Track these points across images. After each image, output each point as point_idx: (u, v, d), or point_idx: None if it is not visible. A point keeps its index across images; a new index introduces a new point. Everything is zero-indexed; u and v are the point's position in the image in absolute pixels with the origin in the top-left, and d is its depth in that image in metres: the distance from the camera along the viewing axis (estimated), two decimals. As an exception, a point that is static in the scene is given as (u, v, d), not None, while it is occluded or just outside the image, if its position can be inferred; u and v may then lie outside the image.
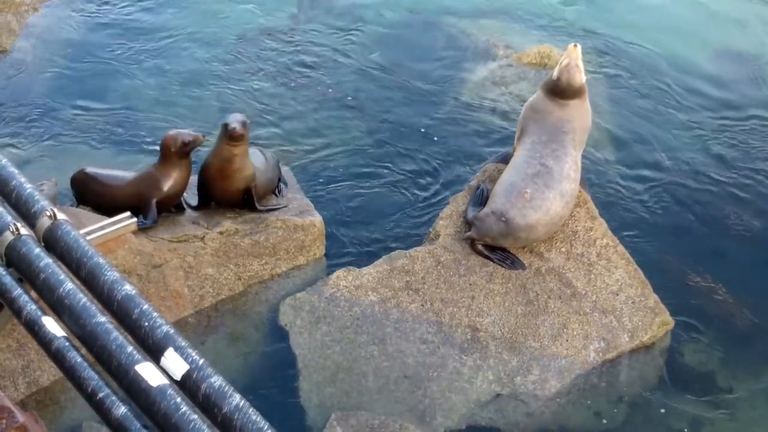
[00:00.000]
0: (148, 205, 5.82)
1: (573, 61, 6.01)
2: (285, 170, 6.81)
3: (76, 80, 8.20)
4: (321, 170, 7.31)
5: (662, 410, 5.55)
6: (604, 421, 5.47)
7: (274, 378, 5.43)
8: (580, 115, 6.09)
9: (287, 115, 7.97)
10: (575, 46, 6.07)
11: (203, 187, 6.15)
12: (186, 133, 5.87)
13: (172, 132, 5.91)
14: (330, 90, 8.34)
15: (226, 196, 6.12)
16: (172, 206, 6.06)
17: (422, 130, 7.90)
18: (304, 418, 5.21)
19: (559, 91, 6.04)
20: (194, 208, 6.23)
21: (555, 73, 6.05)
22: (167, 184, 5.86)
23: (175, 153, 5.81)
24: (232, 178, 6.01)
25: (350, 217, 6.84)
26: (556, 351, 5.60)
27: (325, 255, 6.25)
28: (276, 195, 6.44)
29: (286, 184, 6.61)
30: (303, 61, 8.72)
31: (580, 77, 6.02)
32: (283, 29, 9.20)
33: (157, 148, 6.00)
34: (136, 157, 7.18)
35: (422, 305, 5.70)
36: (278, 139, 7.62)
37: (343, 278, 5.82)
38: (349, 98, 8.25)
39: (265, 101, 8.11)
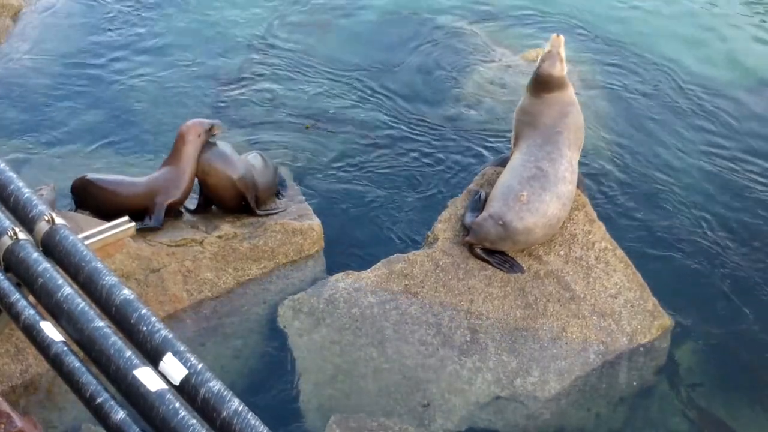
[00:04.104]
0: (160, 208, 5.83)
1: (554, 49, 6.01)
2: (284, 174, 6.82)
3: (73, 84, 8.20)
4: (319, 174, 7.31)
5: (661, 412, 5.56)
6: (604, 423, 5.47)
7: (273, 381, 5.43)
8: (566, 109, 6.05)
9: (284, 119, 7.96)
10: (558, 35, 6.08)
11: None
12: (206, 121, 5.84)
13: (189, 122, 5.86)
14: (327, 94, 8.33)
15: (217, 196, 6.13)
16: (173, 211, 6.06)
17: (420, 132, 7.90)
18: (303, 420, 5.21)
19: (541, 81, 6.04)
20: (192, 212, 6.24)
21: (537, 62, 6.09)
22: (185, 185, 5.91)
23: (194, 142, 5.81)
24: (204, 180, 6.05)
25: (348, 220, 6.84)
26: (555, 353, 5.60)
27: (324, 259, 6.24)
28: (278, 198, 6.46)
29: (285, 188, 6.61)
30: (299, 64, 8.72)
31: (561, 67, 6.01)
32: (279, 33, 9.20)
33: (155, 151, 5.98)
34: (133, 160, 7.18)
35: (421, 308, 5.70)
36: (276, 143, 7.62)
37: (342, 281, 5.81)
38: (347, 101, 8.25)
39: (262, 105, 8.11)
